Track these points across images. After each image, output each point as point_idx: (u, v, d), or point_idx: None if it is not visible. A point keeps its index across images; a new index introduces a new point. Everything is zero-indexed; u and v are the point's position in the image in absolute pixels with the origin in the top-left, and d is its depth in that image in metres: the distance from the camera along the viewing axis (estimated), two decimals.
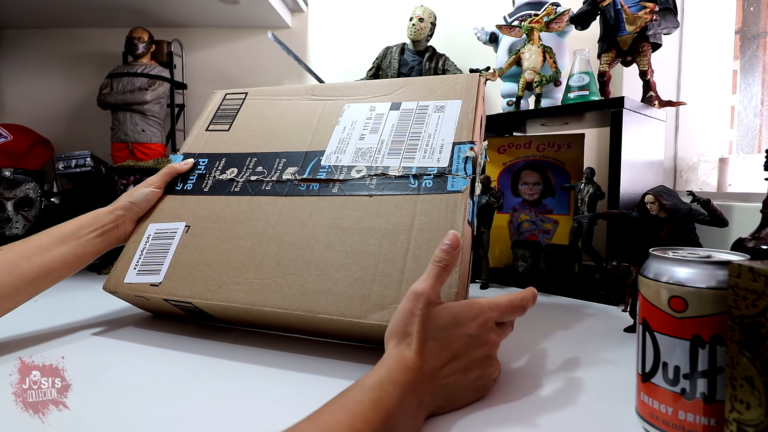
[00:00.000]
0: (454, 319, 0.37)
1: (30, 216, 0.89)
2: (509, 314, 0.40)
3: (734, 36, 0.94)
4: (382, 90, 0.63)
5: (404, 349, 0.36)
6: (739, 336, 0.27)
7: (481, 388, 0.39)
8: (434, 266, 0.39)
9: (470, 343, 0.37)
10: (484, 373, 0.38)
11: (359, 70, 1.08)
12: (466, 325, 0.37)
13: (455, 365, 0.36)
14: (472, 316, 0.38)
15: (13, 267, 0.48)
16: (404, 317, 0.37)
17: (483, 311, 0.38)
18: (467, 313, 0.38)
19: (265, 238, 0.52)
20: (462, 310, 0.38)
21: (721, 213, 0.54)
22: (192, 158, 0.64)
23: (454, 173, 0.51)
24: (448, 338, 0.37)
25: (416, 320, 0.37)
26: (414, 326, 0.36)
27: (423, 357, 0.35)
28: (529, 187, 0.88)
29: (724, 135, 0.96)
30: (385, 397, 0.31)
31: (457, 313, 0.38)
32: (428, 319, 0.37)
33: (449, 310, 0.38)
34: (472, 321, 0.38)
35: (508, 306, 0.40)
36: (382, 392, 0.31)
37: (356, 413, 0.29)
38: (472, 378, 0.37)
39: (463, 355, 0.37)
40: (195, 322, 0.58)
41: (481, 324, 0.38)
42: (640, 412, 0.34)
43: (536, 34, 0.80)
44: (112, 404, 0.38)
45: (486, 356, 0.38)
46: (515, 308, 0.40)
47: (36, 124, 1.11)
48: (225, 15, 1.09)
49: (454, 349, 0.37)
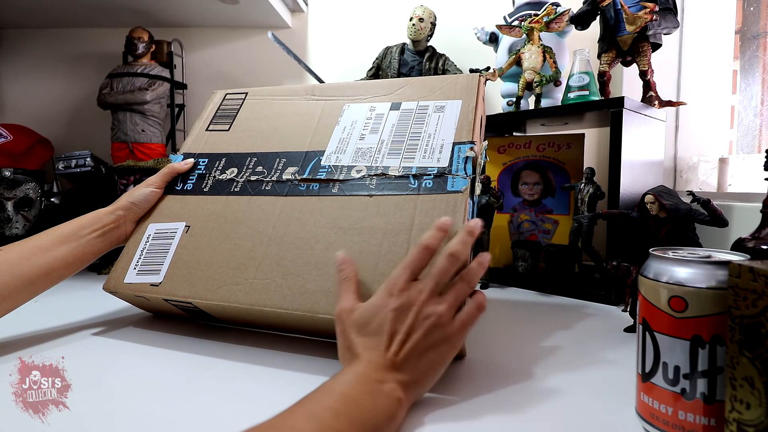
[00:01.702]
0: (374, 307, 0.38)
1: (30, 216, 0.89)
2: (415, 263, 0.39)
3: (734, 36, 0.94)
4: (382, 90, 0.63)
5: (351, 359, 0.37)
6: (739, 336, 0.27)
7: (442, 340, 0.38)
8: (339, 287, 0.42)
9: (397, 316, 0.37)
10: (429, 328, 0.37)
11: (359, 70, 1.08)
12: (385, 304, 0.38)
13: (398, 340, 0.37)
14: (387, 293, 0.39)
15: (13, 267, 0.48)
16: (341, 339, 0.39)
17: (391, 283, 0.39)
18: (380, 294, 0.39)
19: (265, 238, 0.52)
20: (376, 296, 0.39)
21: (721, 213, 0.54)
22: (192, 158, 0.64)
23: (454, 173, 0.51)
24: (378, 325, 0.37)
25: (349, 333, 0.38)
26: (350, 338, 0.38)
27: (366, 353, 0.36)
28: (529, 187, 0.88)
29: (724, 135, 0.96)
30: (336, 386, 0.32)
31: (374, 302, 0.39)
32: (355, 325, 0.38)
33: (368, 304, 0.39)
34: (388, 297, 0.38)
35: (410, 258, 0.40)
36: (333, 383, 0.33)
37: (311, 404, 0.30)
38: (421, 339, 0.37)
39: (398, 329, 0.37)
40: (195, 322, 0.58)
41: (397, 294, 0.38)
42: (640, 412, 0.34)
43: (536, 34, 0.80)
44: (112, 404, 0.38)
45: (419, 314, 0.37)
46: (418, 254, 0.40)
47: (36, 124, 1.11)
48: (225, 15, 1.09)
49: (387, 329, 0.37)
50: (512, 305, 0.69)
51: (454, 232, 0.46)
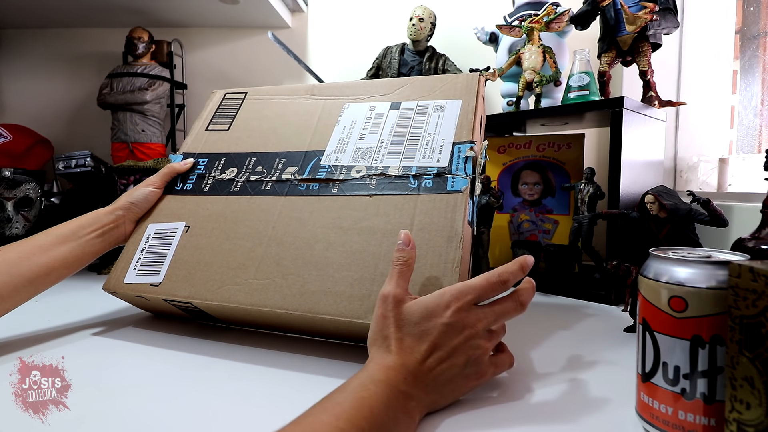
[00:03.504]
0: (426, 311, 0.37)
1: (30, 216, 0.89)
2: (487, 293, 0.38)
3: (734, 36, 0.94)
4: (381, 89, 0.63)
5: (384, 352, 0.36)
6: (739, 336, 0.27)
7: (475, 374, 0.38)
8: (394, 267, 0.40)
9: (447, 331, 0.37)
10: (471, 358, 0.37)
11: (359, 70, 1.08)
12: (439, 315, 0.37)
13: (437, 356, 0.36)
14: (445, 305, 0.37)
15: (13, 267, 0.48)
16: (379, 322, 0.38)
17: (455, 297, 0.38)
18: (439, 302, 0.38)
19: (265, 238, 0.52)
20: (433, 300, 0.38)
21: (721, 213, 0.54)
22: (191, 158, 0.64)
23: (454, 173, 0.51)
24: (423, 331, 0.37)
25: (390, 322, 0.37)
26: (389, 328, 0.37)
27: (402, 354, 0.36)
28: (529, 187, 0.88)
29: (724, 135, 0.96)
30: (366, 396, 0.31)
31: (428, 305, 0.38)
32: (401, 318, 0.37)
33: (420, 304, 0.38)
34: (445, 309, 0.37)
35: (483, 285, 0.38)
36: (363, 391, 0.32)
37: (339, 413, 0.29)
38: (460, 366, 0.37)
39: (443, 344, 0.36)
40: (195, 322, 0.58)
41: (456, 310, 0.37)
42: (640, 412, 0.34)
43: (536, 34, 0.80)
44: (112, 404, 0.38)
45: (468, 341, 0.37)
46: (492, 285, 0.38)
47: (36, 124, 1.11)
48: (225, 15, 1.09)
49: (431, 340, 0.36)
50: None
51: (459, 232, 0.46)
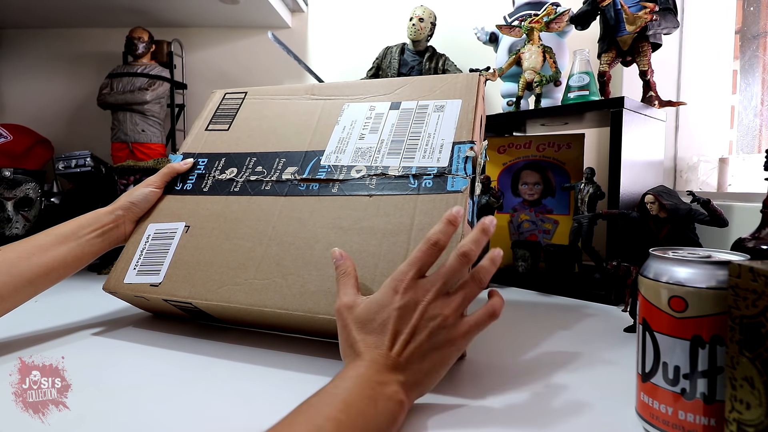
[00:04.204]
0: (377, 305, 0.38)
1: (30, 216, 0.89)
2: (424, 261, 0.38)
3: (734, 36, 0.94)
4: (381, 89, 0.63)
5: (353, 358, 0.37)
6: (739, 336, 0.27)
7: (445, 342, 0.37)
8: (337, 282, 0.42)
9: (402, 315, 0.37)
10: (434, 329, 0.36)
11: (359, 70, 1.08)
12: (390, 302, 0.37)
13: (401, 340, 0.36)
14: (393, 291, 0.37)
15: (13, 267, 0.48)
16: (342, 334, 0.39)
17: (397, 279, 0.38)
18: (386, 291, 0.38)
19: (265, 238, 0.52)
20: (381, 292, 0.38)
21: (721, 213, 0.54)
22: (191, 158, 0.64)
23: (454, 173, 0.51)
24: (381, 324, 0.37)
25: (350, 329, 0.38)
26: (351, 335, 0.38)
27: (369, 352, 0.36)
28: (529, 187, 0.88)
29: (724, 135, 0.96)
30: (338, 392, 0.32)
31: (377, 299, 0.38)
32: (357, 321, 0.38)
33: (371, 301, 0.38)
34: (393, 294, 0.37)
35: (417, 255, 0.38)
36: (334, 389, 0.32)
37: (313, 413, 0.30)
38: (425, 340, 0.36)
39: (402, 328, 0.36)
40: (195, 322, 0.58)
41: (403, 291, 0.37)
42: (640, 412, 0.34)
43: (536, 34, 0.80)
44: (112, 404, 0.38)
45: (424, 314, 0.36)
46: (428, 250, 0.38)
47: (36, 124, 1.11)
48: (225, 15, 1.09)
49: (391, 329, 0.36)
50: (512, 305, 0.69)
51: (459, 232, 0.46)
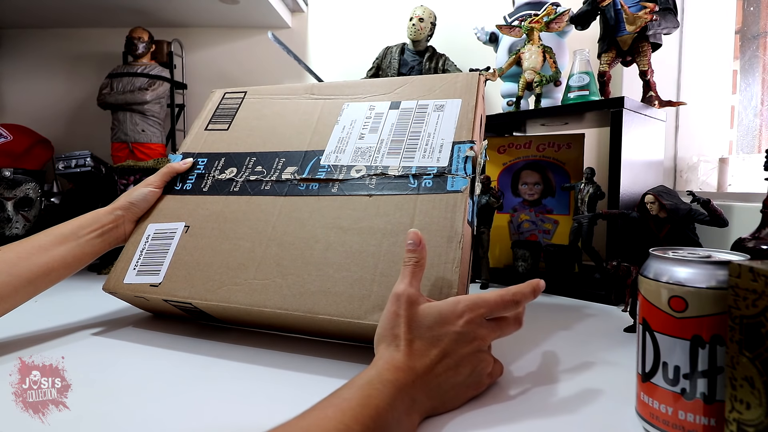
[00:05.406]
0: (440, 317, 0.37)
1: (30, 216, 0.89)
2: (499, 310, 0.39)
3: (734, 36, 0.94)
4: (381, 89, 0.63)
5: (393, 351, 0.36)
6: (739, 336, 0.27)
7: (475, 384, 0.38)
8: (406, 267, 0.40)
9: (458, 340, 0.37)
10: (476, 369, 0.38)
11: (359, 70, 1.08)
12: (452, 323, 0.37)
13: (446, 363, 0.36)
14: (459, 313, 0.37)
15: (12, 267, 0.48)
16: (390, 320, 0.38)
17: (469, 308, 0.38)
18: (453, 310, 0.38)
19: (265, 239, 0.52)
20: (447, 307, 0.38)
21: (721, 213, 0.54)
22: (191, 158, 0.64)
23: (453, 173, 0.51)
24: (435, 337, 0.37)
25: (401, 321, 0.37)
26: (400, 328, 0.37)
27: (412, 357, 0.35)
28: (529, 187, 0.88)
29: (724, 135, 0.96)
30: (374, 395, 0.31)
31: (442, 311, 0.38)
32: (413, 320, 0.37)
33: (434, 309, 0.38)
34: (458, 318, 0.37)
35: (497, 301, 0.38)
36: (371, 390, 0.32)
37: (345, 410, 0.29)
38: (464, 375, 0.37)
39: (452, 352, 0.37)
40: (195, 322, 0.58)
41: (468, 321, 0.37)
42: (640, 412, 0.34)
43: (536, 34, 0.80)
44: (112, 404, 0.38)
45: (475, 352, 0.38)
46: (506, 303, 0.39)
47: (36, 124, 1.11)
48: (225, 15, 1.09)
49: (442, 347, 0.36)
50: None
51: (459, 231, 0.46)
